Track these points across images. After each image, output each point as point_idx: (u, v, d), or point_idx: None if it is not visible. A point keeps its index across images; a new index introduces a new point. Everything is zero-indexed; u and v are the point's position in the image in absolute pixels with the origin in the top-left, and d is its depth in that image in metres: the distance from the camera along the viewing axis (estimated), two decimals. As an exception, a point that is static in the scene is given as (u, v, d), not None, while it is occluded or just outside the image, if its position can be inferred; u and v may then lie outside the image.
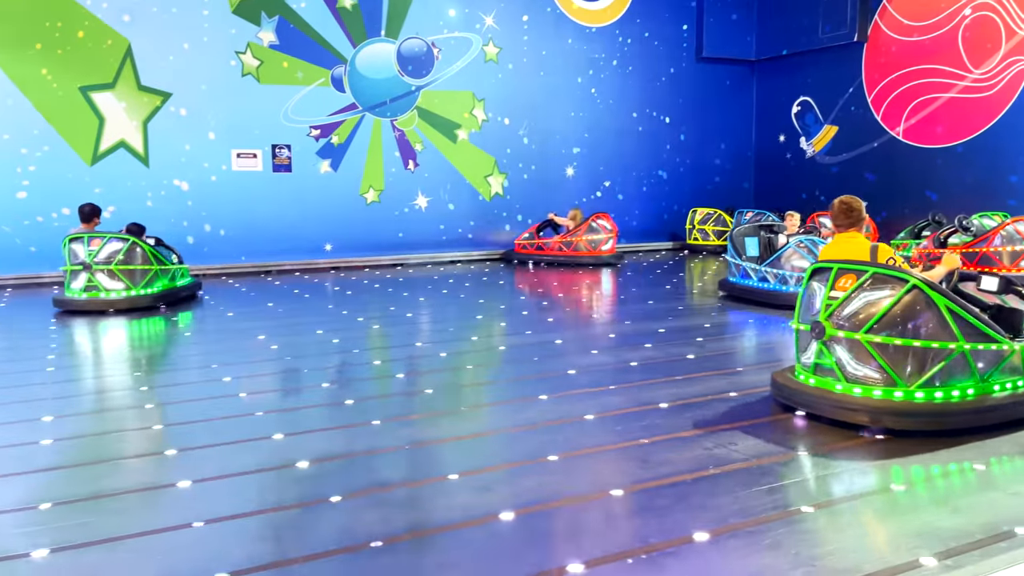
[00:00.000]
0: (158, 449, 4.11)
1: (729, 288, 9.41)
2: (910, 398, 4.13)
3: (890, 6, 13.99)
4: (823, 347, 4.39)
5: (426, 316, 8.48)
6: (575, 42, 14.89)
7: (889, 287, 4.18)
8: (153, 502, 3.43)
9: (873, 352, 4.19)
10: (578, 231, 13.02)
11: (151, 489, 3.55)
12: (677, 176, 16.20)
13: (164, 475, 3.71)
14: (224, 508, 3.33)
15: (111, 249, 8.49)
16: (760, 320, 7.82)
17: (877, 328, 4.17)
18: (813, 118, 15.63)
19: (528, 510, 3.25)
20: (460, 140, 13.99)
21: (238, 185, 12.33)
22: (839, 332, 4.30)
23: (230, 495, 3.49)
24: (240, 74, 12.25)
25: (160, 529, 3.13)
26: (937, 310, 4.10)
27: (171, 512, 3.31)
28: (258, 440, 4.22)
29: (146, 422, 4.61)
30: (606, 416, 4.56)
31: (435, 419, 4.64)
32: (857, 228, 4.82)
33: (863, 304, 4.25)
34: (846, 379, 4.31)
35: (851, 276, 4.33)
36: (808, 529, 3.04)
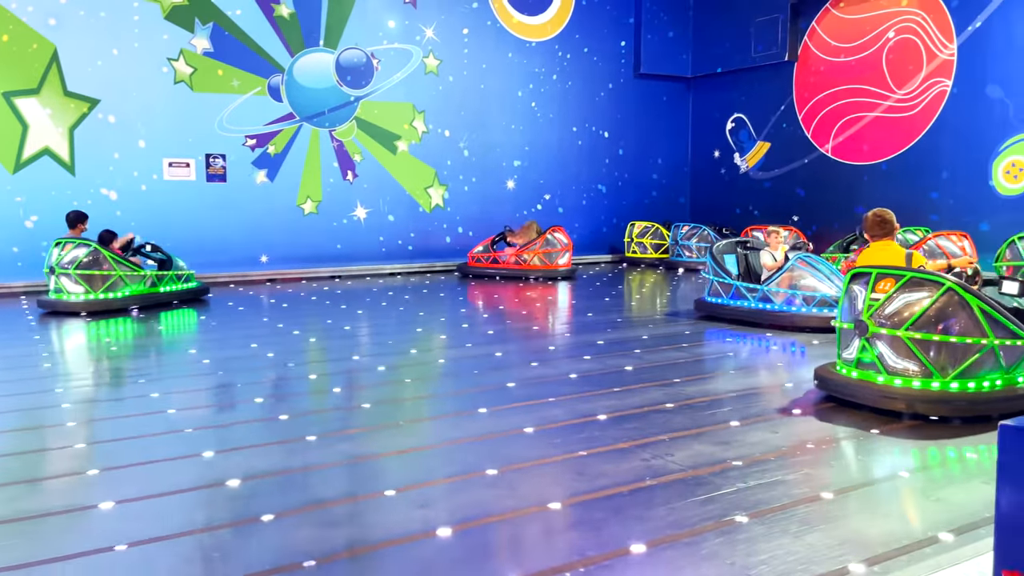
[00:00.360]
0: (80, 469, 3.94)
1: (709, 309, 8.62)
2: (945, 388, 4.59)
3: (819, 27, 14.49)
4: (865, 343, 4.85)
5: (364, 329, 8.36)
6: (515, 56, 14.99)
7: (926, 289, 4.66)
8: (72, 525, 3.28)
9: (912, 347, 4.64)
10: (535, 244, 13.00)
11: (71, 511, 3.39)
12: (616, 190, 16.42)
13: (85, 496, 3.55)
14: (149, 530, 3.20)
15: (73, 255, 8.95)
16: (700, 332, 7.95)
17: (916, 326, 4.64)
18: (747, 134, 16.05)
19: (467, 525, 3.22)
20: (400, 151, 13.92)
21: (170, 195, 12.00)
22: (881, 329, 4.75)
23: (156, 516, 3.36)
24: (172, 81, 11.95)
25: (79, 553, 2.99)
26: (970, 309, 4.57)
27: (92, 535, 3.17)
28: (187, 458, 4.09)
29: (68, 440, 4.41)
30: (545, 429, 4.55)
31: (373, 434, 4.57)
32: (890, 237, 5.49)
33: (902, 304, 4.72)
34: (887, 371, 4.76)
35: (890, 280, 4.81)
36: (743, 538, 3.08)
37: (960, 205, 12.48)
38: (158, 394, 5.40)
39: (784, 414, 4.88)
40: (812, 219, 14.67)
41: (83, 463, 4.03)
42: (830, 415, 4.88)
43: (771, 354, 6.95)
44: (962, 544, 2.99)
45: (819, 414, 4.89)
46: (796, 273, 7.95)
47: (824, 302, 7.69)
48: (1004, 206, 11.89)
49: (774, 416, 4.83)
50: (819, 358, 6.44)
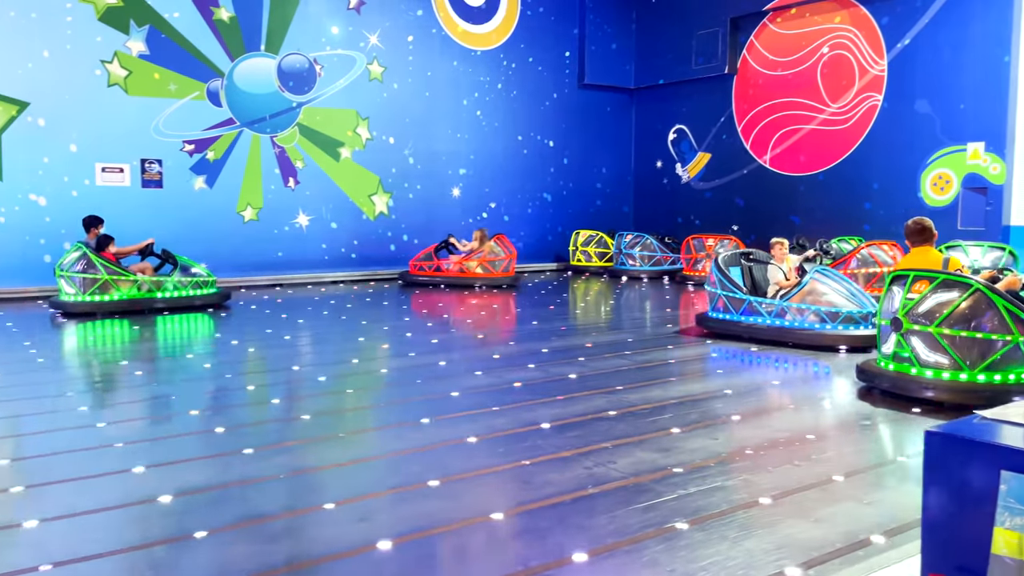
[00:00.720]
0: (2, 486, 3.77)
1: (717, 326, 8.07)
2: (972, 380, 5.08)
3: (757, 41, 14.87)
4: (901, 338, 5.38)
5: (306, 339, 8.23)
6: (460, 64, 14.99)
7: (957, 290, 5.14)
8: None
9: (943, 342, 5.14)
10: (481, 251, 12.94)
11: None
12: (561, 199, 16.53)
13: (8, 514, 3.40)
14: (77, 548, 3.07)
15: (71, 257, 9.46)
16: (646, 341, 8.03)
17: (947, 323, 5.14)
18: (688, 145, 16.34)
19: (408, 537, 3.18)
20: (343, 158, 13.77)
21: (103, 201, 11.62)
22: (915, 326, 5.29)
23: (84, 534, 3.23)
24: (106, 84, 11.61)
25: (2, 574, 2.86)
26: (997, 309, 5.04)
27: (15, 555, 3.03)
28: (117, 474, 3.95)
29: (-11, 457, 4.22)
30: (488, 438, 4.54)
31: (313, 446, 4.49)
32: (929, 244, 5.94)
33: (935, 304, 5.22)
34: (919, 364, 5.26)
35: (925, 282, 5.32)
36: (683, 545, 3.12)
37: (891, 216, 12.91)
38: (87, 408, 5.21)
39: (723, 420, 4.96)
40: (751, 228, 15.00)
41: (7, 480, 3.86)
42: (765, 420, 4.97)
43: (821, 378, 7.06)
44: (893, 547, 3.08)
45: (756, 419, 4.99)
46: (819, 288, 7.49)
47: (850, 319, 7.30)
48: (931, 216, 12.28)
49: (714, 422, 4.90)
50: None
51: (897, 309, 5.40)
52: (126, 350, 7.43)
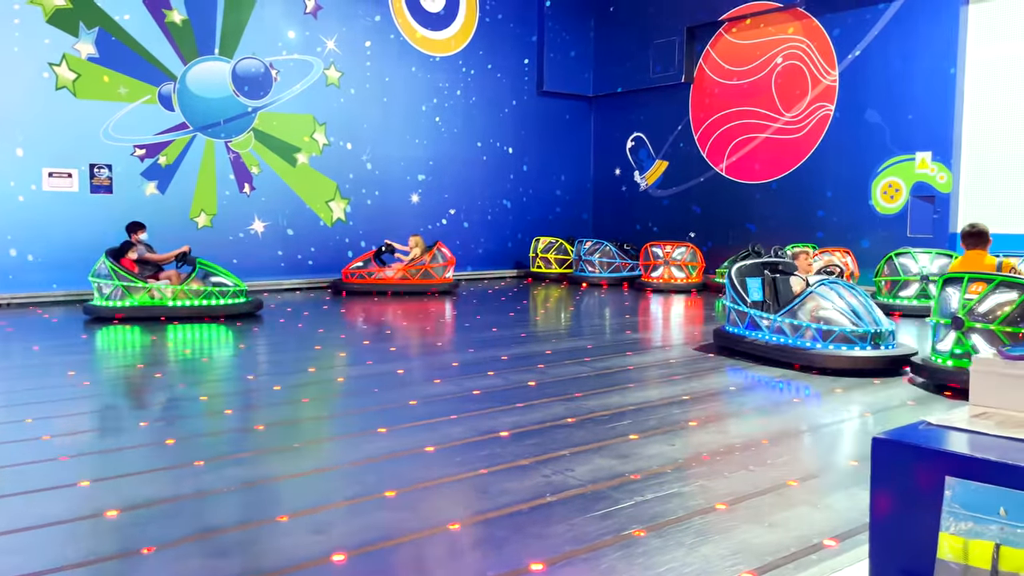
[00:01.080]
0: (-61, 504, 3.63)
1: (727, 340, 7.60)
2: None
3: (713, 51, 15.09)
4: (961, 336, 5.78)
5: (261, 347, 8.10)
6: (419, 70, 14.94)
7: (1015, 291, 5.59)
8: None
9: (1004, 339, 5.52)
10: (423, 258, 12.87)
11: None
12: (520, 205, 16.56)
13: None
14: (18, 566, 2.96)
15: (98, 263, 9.65)
16: (605, 347, 8.06)
17: (1007, 321, 5.56)
18: (646, 153, 16.50)
19: (364, 549, 3.13)
20: (300, 164, 13.61)
21: (50, 206, 11.33)
22: (976, 324, 5.71)
23: (25, 550, 3.12)
24: (54, 87, 11.32)
25: None
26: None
27: None
28: (62, 488, 3.83)
29: (-74, 473, 4.06)
30: (446, 447, 4.51)
31: (267, 457, 4.41)
32: (983, 248, 6.36)
33: (994, 304, 5.67)
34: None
35: (981, 283, 5.75)
36: (640, 552, 3.12)
37: (843, 223, 13.19)
38: (32, 419, 5.05)
39: (680, 426, 4.99)
40: (708, 235, 15.20)
41: (-57, 497, 3.72)
42: (722, 426, 5.03)
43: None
44: (845, 550, 3.12)
45: (713, 425, 5.03)
46: (815, 303, 6.90)
47: (844, 338, 6.64)
48: (882, 224, 12.65)
49: (672, 428, 4.94)
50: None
51: (956, 309, 5.85)
52: (65, 362, 7.22)
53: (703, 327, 9.56)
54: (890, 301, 10.56)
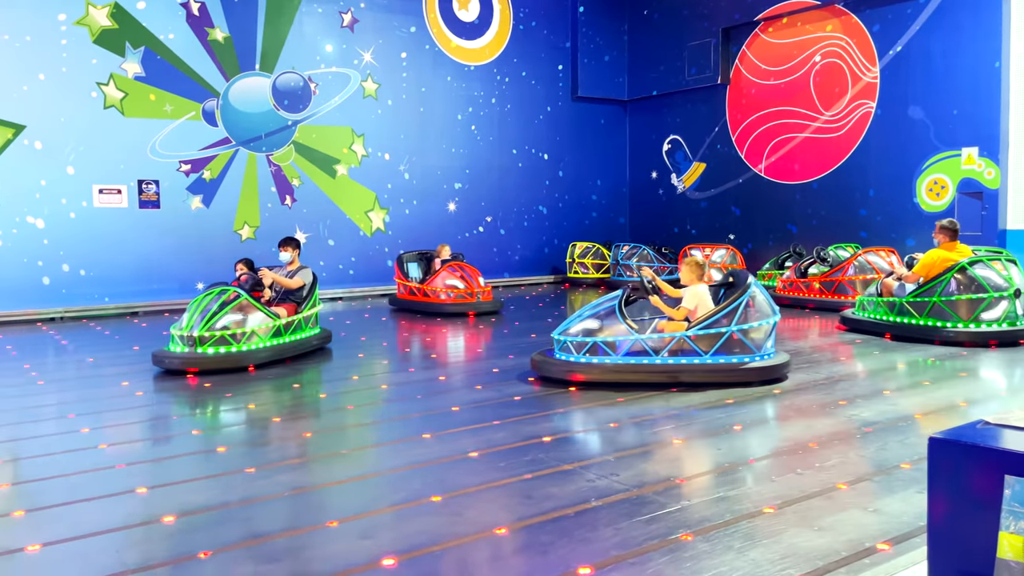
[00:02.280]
0: (3, 511, 3.75)
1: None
2: None
3: (749, 52, 14.95)
4: (1015, 303, 7.73)
5: (306, 355, 8.21)
6: (454, 80, 15.06)
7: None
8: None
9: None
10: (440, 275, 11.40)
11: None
12: (556, 211, 16.57)
13: (10, 539, 3.38)
14: (79, 572, 3.06)
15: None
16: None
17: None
18: (683, 155, 16.40)
19: (411, 554, 3.17)
20: (339, 175, 13.80)
21: (101, 222, 11.65)
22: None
23: (86, 557, 3.22)
24: (103, 106, 11.64)
25: (3, 602, 2.85)
26: None
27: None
28: (119, 495, 3.93)
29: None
30: (490, 452, 4.53)
31: (314, 463, 4.47)
32: (956, 240, 8.10)
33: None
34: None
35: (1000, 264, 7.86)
36: (689, 556, 3.10)
37: (887, 222, 12.95)
38: (89, 429, 5.19)
39: (725, 430, 4.95)
40: (747, 237, 15.04)
41: (8, 504, 3.85)
42: (768, 430, 4.97)
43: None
44: (898, 554, 3.07)
45: (758, 428, 4.98)
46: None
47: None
48: (928, 222, 12.38)
49: (717, 432, 4.90)
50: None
51: (1007, 285, 7.70)
52: (119, 373, 7.41)
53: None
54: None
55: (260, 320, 7.37)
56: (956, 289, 7.89)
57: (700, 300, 6.28)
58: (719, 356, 6.14)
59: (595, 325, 6.33)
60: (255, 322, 7.33)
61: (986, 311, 7.77)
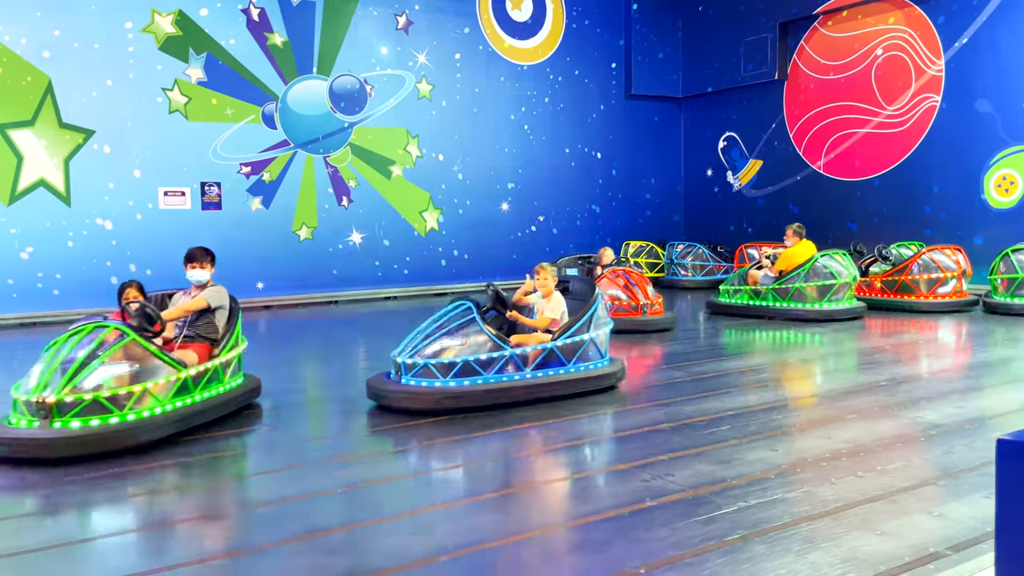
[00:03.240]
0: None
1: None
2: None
3: (807, 46, 14.64)
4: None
5: (361, 354, 8.35)
6: (507, 80, 15.10)
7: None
8: (69, 557, 3.25)
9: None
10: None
11: (66, 545, 3.36)
12: (610, 210, 16.49)
13: (86, 529, 3.53)
14: (144, 564, 3.17)
15: None
16: (701, 352, 7.94)
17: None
18: (739, 153, 16.15)
19: (466, 550, 3.20)
20: (394, 176, 13.97)
21: (166, 223, 12.01)
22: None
23: (147, 551, 3.34)
24: (167, 111, 12.01)
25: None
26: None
27: (94, 568, 3.14)
28: (183, 488, 4.06)
29: (64, 473, 4.37)
30: (543, 451, 4.54)
31: (368, 460, 4.54)
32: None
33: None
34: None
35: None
36: (746, 558, 3.07)
37: (953, 219, 12.54)
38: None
39: (783, 432, 4.87)
40: (806, 235, 14.70)
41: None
42: (827, 431, 4.87)
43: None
44: (964, 560, 2.98)
45: (817, 430, 4.88)
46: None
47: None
48: (996, 219, 11.97)
49: (774, 433, 4.82)
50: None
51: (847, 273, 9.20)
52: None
53: (802, 330, 9.27)
54: (1007, 300, 9.98)
55: (157, 371, 4.84)
56: (810, 277, 9.72)
57: (563, 308, 6.01)
58: (579, 364, 5.82)
59: (458, 342, 5.54)
60: (149, 375, 4.79)
61: (834, 295, 9.70)
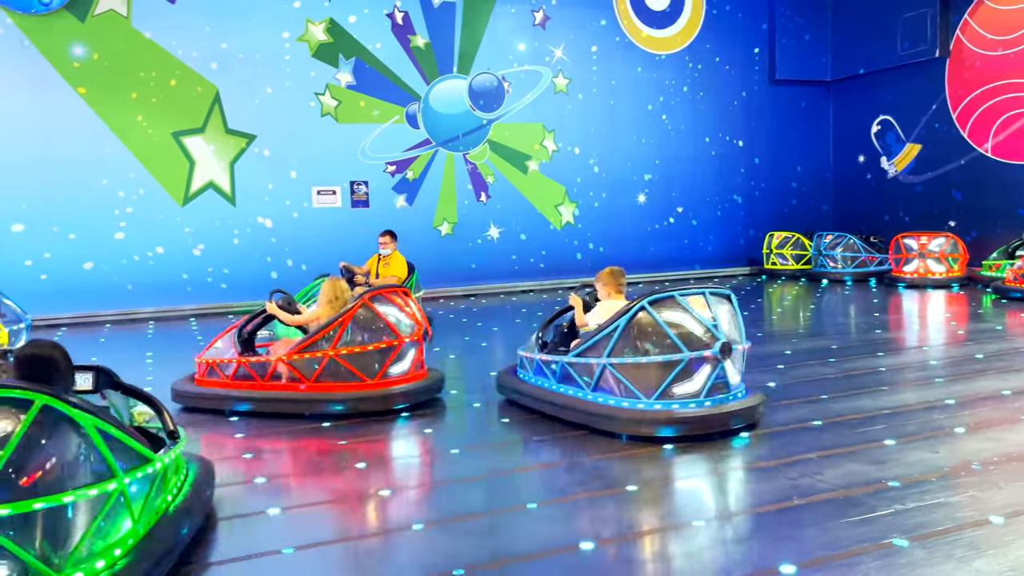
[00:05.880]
0: (244, 479, 4.25)
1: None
2: None
3: (972, 20, 13.56)
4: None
5: (499, 344, 8.53)
6: (644, 70, 14.91)
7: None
8: (246, 527, 3.56)
9: None
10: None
11: (244, 516, 3.67)
12: (753, 200, 15.95)
13: (255, 504, 3.84)
14: (314, 535, 3.41)
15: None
16: (852, 348, 7.58)
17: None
18: (894, 137, 15.19)
19: (611, 540, 3.23)
20: (531, 171, 14.14)
21: (318, 221, 12.74)
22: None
23: (315, 524, 3.59)
24: (319, 114, 12.72)
25: (250, 555, 3.23)
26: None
27: (263, 537, 3.42)
28: (342, 471, 4.33)
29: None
30: (683, 447, 4.49)
31: (513, 447, 4.66)
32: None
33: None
34: None
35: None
36: (903, 563, 2.93)
37: None
38: (313, 408, 5.72)
39: (945, 432, 4.58)
40: (971, 224, 13.66)
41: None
42: (996, 433, 4.53)
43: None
44: None
45: (984, 431, 4.56)
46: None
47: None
48: None
49: (935, 434, 4.54)
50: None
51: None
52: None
53: (969, 326, 8.64)
54: None
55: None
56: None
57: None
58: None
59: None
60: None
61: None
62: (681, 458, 4.27)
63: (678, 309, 4.67)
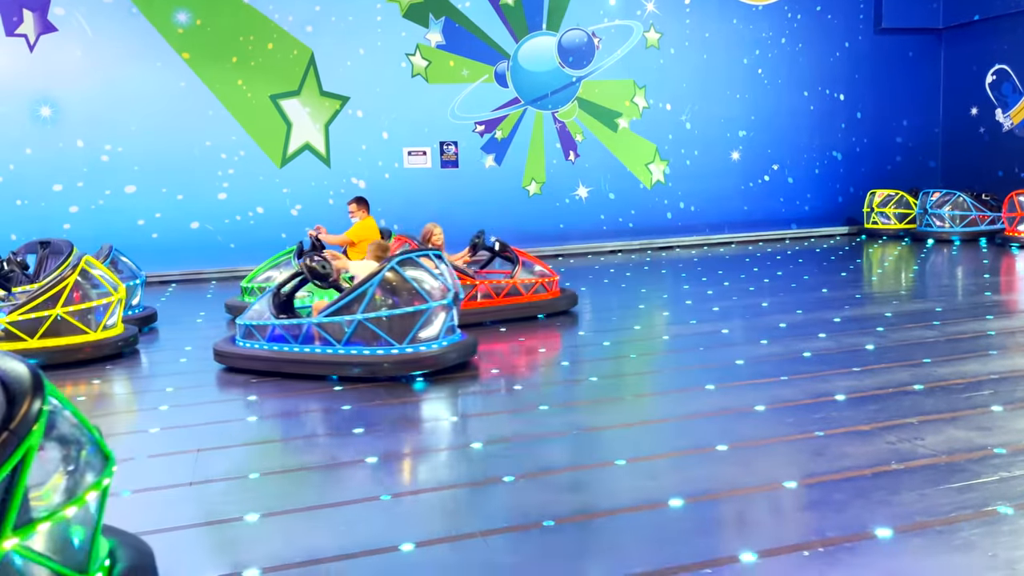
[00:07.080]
0: (338, 431, 4.44)
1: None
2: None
3: (1107, -44, 12.44)
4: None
5: (587, 305, 8.54)
6: (740, 22, 14.37)
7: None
8: (340, 477, 3.73)
9: None
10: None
11: (343, 465, 3.86)
12: (853, 156, 15.27)
13: (351, 453, 4.01)
14: (414, 484, 3.56)
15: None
16: (958, 310, 7.25)
17: None
18: (1011, 88, 14.20)
19: (697, 499, 3.24)
20: (621, 129, 13.92)
21: (409, 181, 12.94)
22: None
23: (419, 472, 3.74)
24: (410, 75, 12.84)
25: (349, 501, 3.40)
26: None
27: (356, 487, 3.58)
28: (429, 422, 4.47)
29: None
30: (777, 407, 4.43)
31: (600, 406, 4.70)
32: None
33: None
34: None
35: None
36: (1007, 531, 2.83)
37: None
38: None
39: (1058, 400, 4.35)
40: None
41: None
42: (1118, 403, 4.28)
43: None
44: None
45: (1104, 402, 4.31)
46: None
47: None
48: None
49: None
50: None
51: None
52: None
53: (1089, 289, 8.10)
54: None
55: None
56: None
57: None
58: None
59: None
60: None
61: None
62: (768, 419, 4.21)
63: (418, 268, 5.44)
